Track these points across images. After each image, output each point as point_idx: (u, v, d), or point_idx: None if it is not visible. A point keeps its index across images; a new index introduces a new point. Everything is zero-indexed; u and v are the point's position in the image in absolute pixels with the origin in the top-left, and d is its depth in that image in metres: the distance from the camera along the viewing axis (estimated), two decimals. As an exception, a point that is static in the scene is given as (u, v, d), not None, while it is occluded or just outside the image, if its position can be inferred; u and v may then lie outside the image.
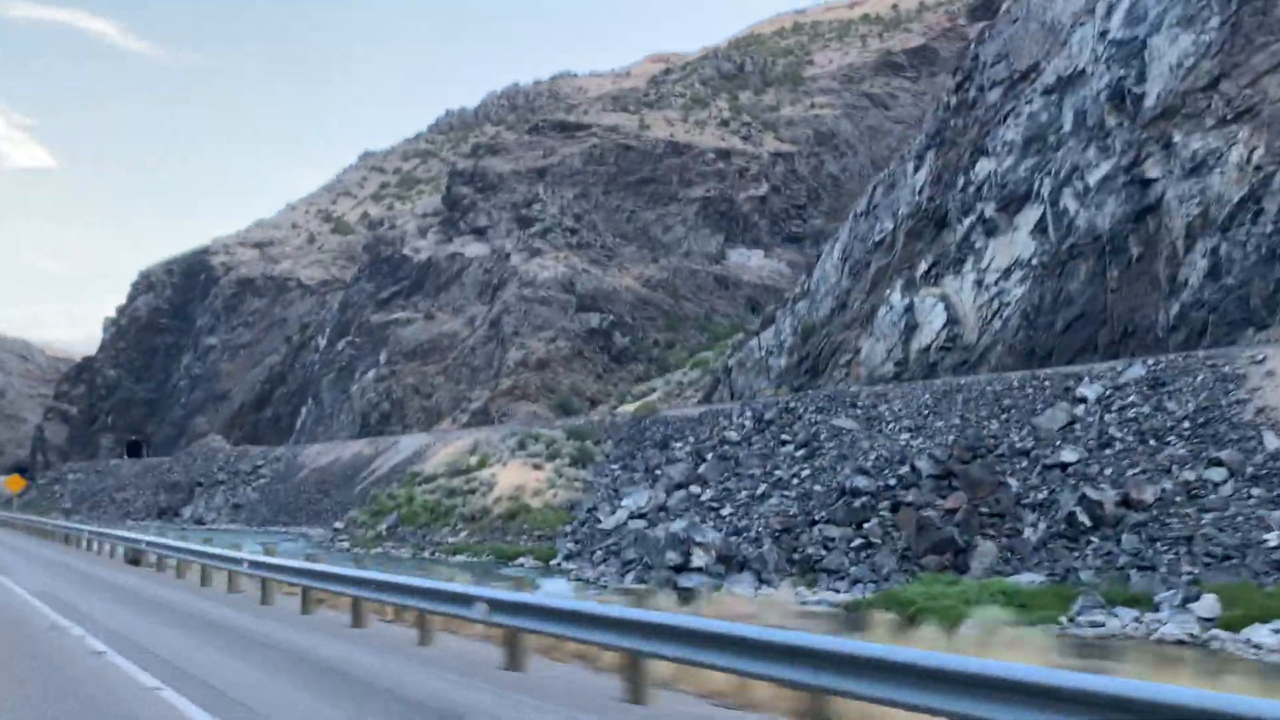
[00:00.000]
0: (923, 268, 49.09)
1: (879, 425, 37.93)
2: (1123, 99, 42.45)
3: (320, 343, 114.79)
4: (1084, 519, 27.28)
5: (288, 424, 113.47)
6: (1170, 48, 40.88)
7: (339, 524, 62.21)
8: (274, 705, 9.64)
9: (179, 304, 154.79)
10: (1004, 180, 46.72)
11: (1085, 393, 33.51)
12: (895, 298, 49.16)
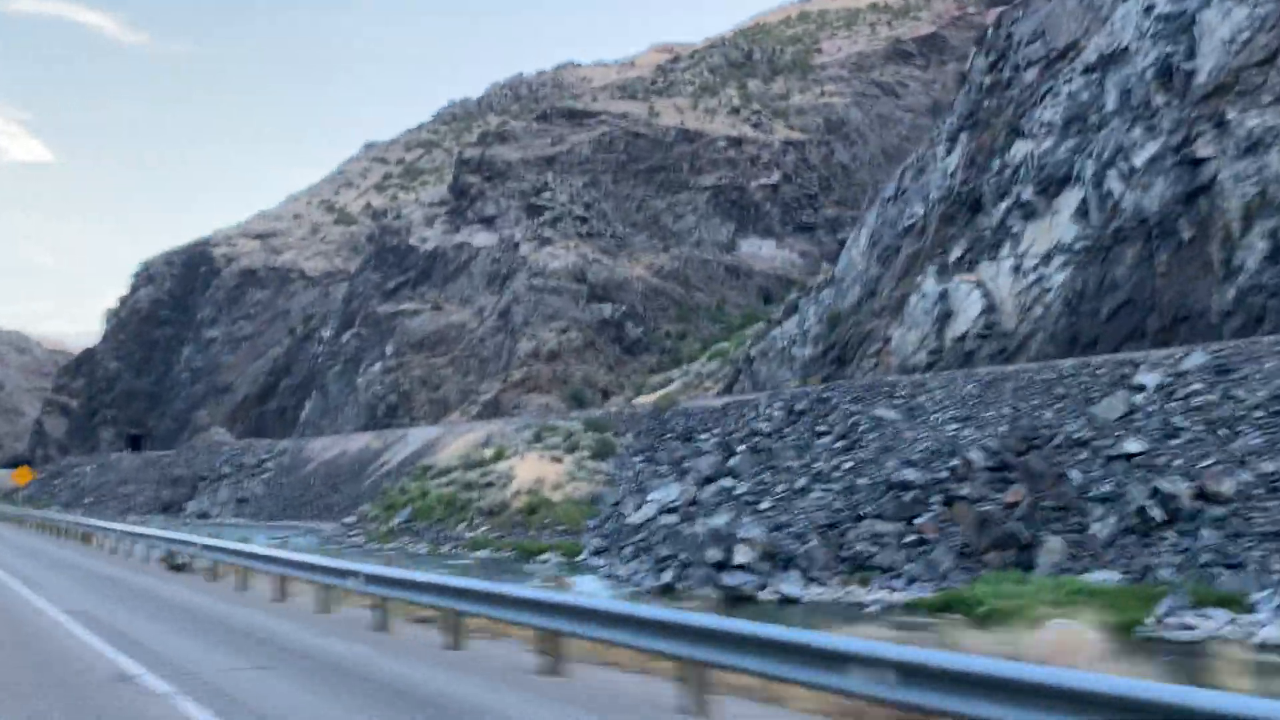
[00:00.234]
0: (956, 253, 47.46)
1: (922, 415, 36.32)
2: (1170, 76, 40.80)
3: (325, 334, 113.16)
4: (1157, 513, 25.67)
5: (292, 417, 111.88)
6: (1223, 22, 39.22)
7: (350, 519, 60.66)
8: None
9: (180, 296, 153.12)
10: (1042, 162, 45.08)
11: (1144, 380, 31.87)
12: (928, 285, 47.54)
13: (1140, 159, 40.68)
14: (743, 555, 29.39)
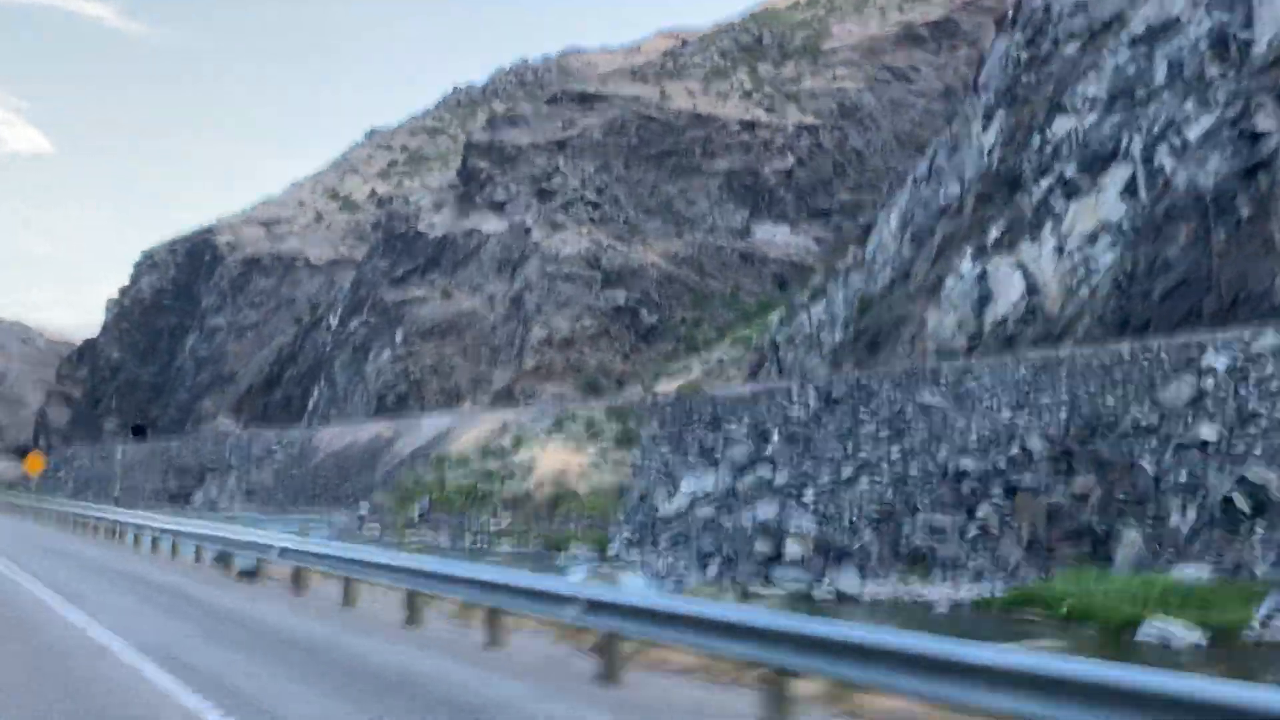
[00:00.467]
0: (995, 234, 45.72)
1: (971, 402, 34.64)
2: (1226, 47, 39.01)
3: (332, 322, 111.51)
4: (1244, 504, 24.09)
5: (298, 406, 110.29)
6: (1283, -11, 37.44)
7: (364, 509, 59.14)
8: None
9: (183, 284, 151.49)
10: (1086, 139, 43.33)
11: (1213, 363, 30.20)
12: (965, 266, 45.84)
13: (1194, 133, 38.93)
14: (794, 549, 27.83)
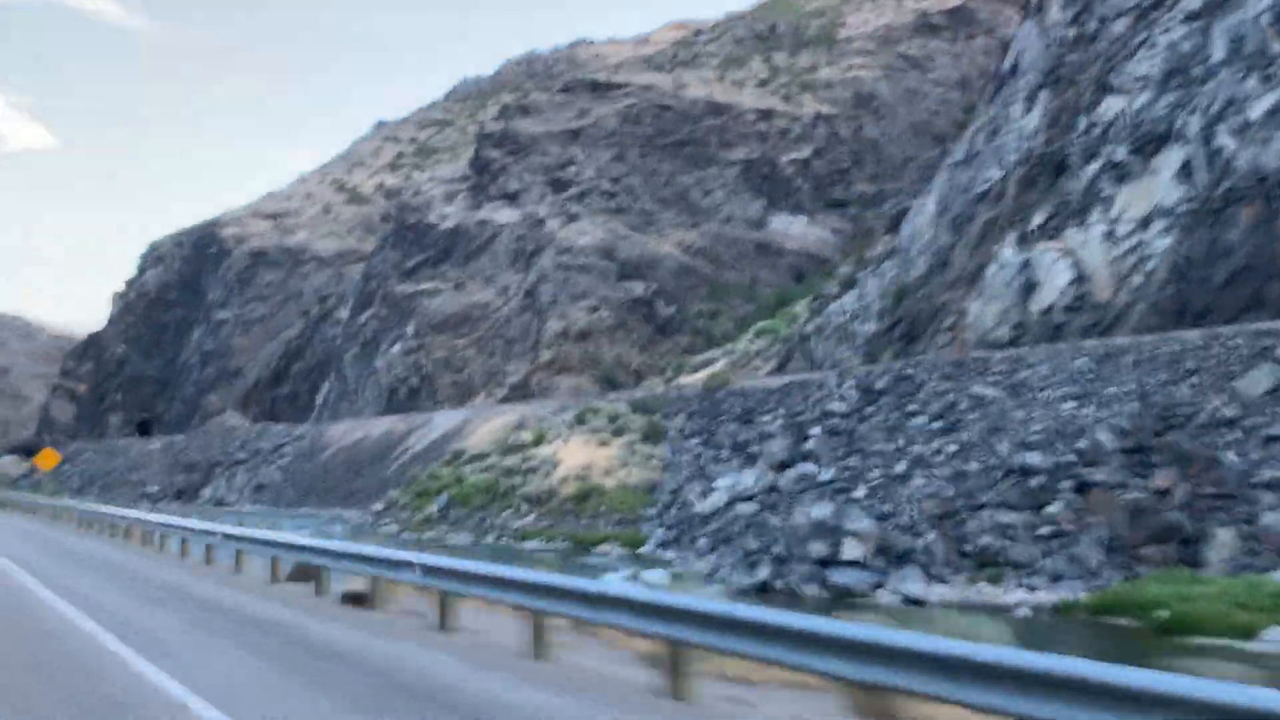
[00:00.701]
0: (1039, 220, 43.90)
1: (1027, 393, 32.87)
2: (1290, 21, 37.16)
3: (341, 315, 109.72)
4: (1348, 502, 22.30)
5: (307, 400, 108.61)
6: (1354, -42, 35.58)
7: (378, 506, 57.37)
8: None
9: (189, 277, 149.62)
10: (1138, 119, 41.46)
11: (1293, 352, 28.43)
12: (1007, 254, 44.00)
13: (1256, 112, 37.08)
14: (852, 550, 25.99)
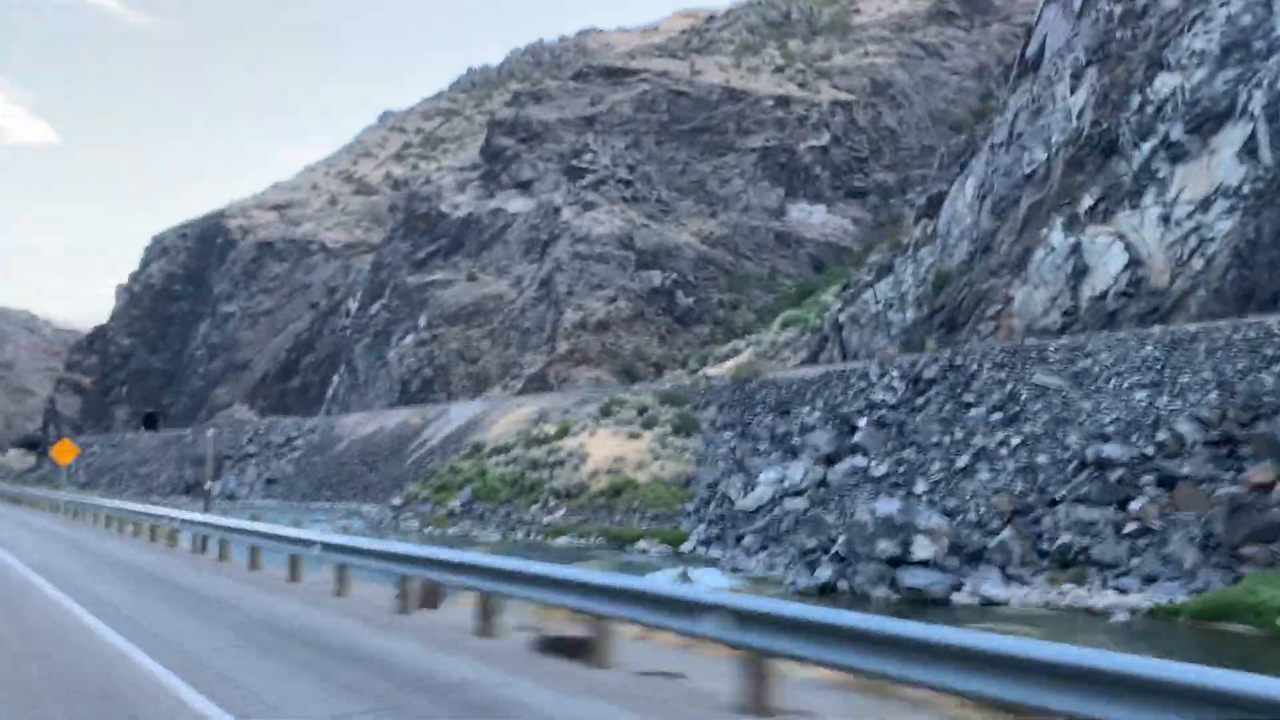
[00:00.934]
0: (1088, 202, 42.15)
1: (1093, 382, 31.18)
2: (1362, -9, 35.40)
3: (351, 307, 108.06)
4: None
5: (317, 393, 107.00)
6: None
7: (396, 500, 55.80)
8: None
9: (195, 270, 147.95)
10: (1195, 97, 39.69)
11: (1387, 338, 26.78)
12: (1055, 238, 42.27)
13: (1326, 87, 35.34)
14: (924, 549, 24.35)
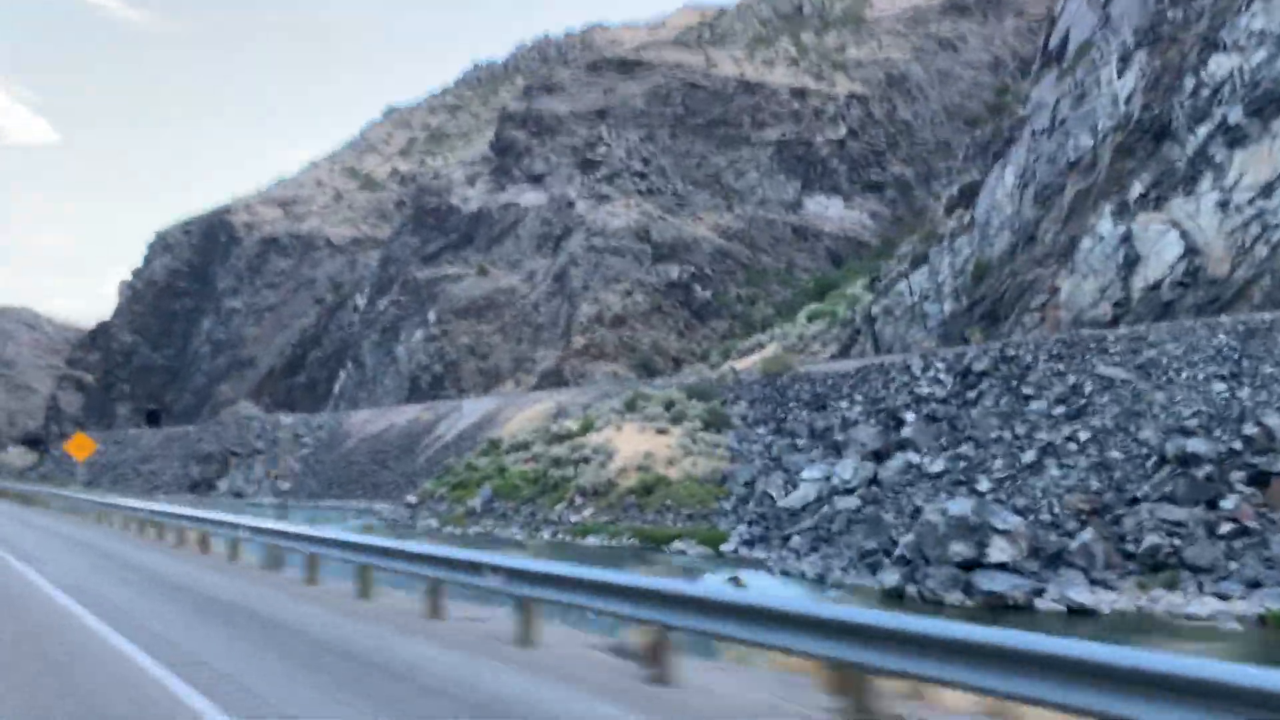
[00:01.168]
0: (1138, 189, 40.47)
1: (1161, 374, 29.48)
2: None
3: (359, 302, 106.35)
4: None
5: (324, 389, 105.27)
6: None
7: (411, 498, 54.04)
8: None
9: (198, 266, 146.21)
10: (1254, 79, 38.02)
11: None
12: (1104, 226, 40.56)
13: (1399, 66, 33.65)
14: (1001, 551, 22.63)
